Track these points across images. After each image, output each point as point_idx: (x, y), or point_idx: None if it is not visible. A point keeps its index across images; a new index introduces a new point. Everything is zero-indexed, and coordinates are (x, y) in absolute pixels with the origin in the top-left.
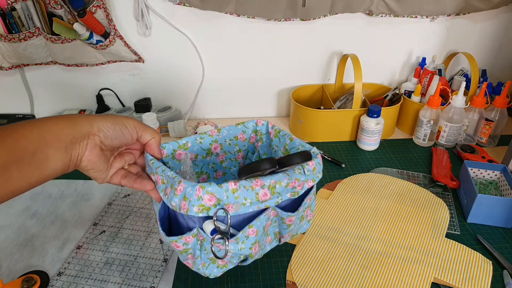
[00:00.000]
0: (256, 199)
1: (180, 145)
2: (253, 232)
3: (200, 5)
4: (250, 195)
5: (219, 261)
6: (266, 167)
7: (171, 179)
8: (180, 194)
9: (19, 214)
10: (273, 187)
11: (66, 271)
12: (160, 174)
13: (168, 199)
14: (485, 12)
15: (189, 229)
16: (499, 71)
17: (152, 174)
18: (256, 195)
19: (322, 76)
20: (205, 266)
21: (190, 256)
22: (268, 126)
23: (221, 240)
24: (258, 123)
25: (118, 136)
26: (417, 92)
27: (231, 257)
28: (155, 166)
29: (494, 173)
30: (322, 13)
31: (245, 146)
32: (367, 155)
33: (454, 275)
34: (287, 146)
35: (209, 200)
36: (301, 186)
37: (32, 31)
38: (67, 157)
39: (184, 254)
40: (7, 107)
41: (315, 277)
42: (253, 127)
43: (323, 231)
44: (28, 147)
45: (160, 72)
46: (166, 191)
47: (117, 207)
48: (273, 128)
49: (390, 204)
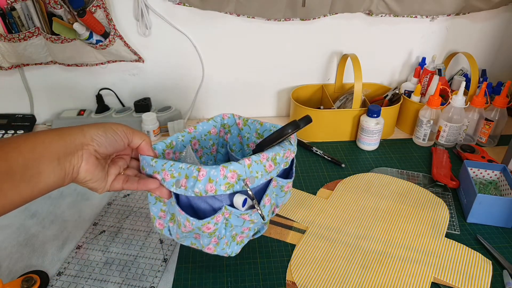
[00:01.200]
0: (265, 171)
1: (167, 144)
2: (268, 201)
3: (200, 5)
4: (260, 168)
5: (237, 238)
6: (289, 131)
7: (186, 170)
8: (204, 179)
9: (19, 214)
10: (274, 158)
11: (66, 271)
12: (169, 169)
13: (188, 188)
14: (485, 12)
15: (214, 210)
16: (499, 71)
17: (157, 173)
18: (264, 168)
19: (322, 76)
20: (228, 245)
21: (214, 239)
22: (235, 118)
23: (249, 211)
24: (224, 117)
25: (111, 143)
26: (417, 92)
27: (248, 231)
28: (161, 164)
29: (494, 173)
30: (322, 13)
31: (217, 140)
32: (367, 155)
33: (454, 275)
34: (259, 130)
35: (231, 177)
36: (290, 156)
37: (32, 31)
38: (61, 169)
39: (209, 239)
40: (7, 107)
41: (315, 277)
42: (221, 121)
43: (323, 231)
44: (19, 159)
45: (160, 72)
46: (180, 182)
47: (116, 207)
48: (240, 119)
49: (390, 204)
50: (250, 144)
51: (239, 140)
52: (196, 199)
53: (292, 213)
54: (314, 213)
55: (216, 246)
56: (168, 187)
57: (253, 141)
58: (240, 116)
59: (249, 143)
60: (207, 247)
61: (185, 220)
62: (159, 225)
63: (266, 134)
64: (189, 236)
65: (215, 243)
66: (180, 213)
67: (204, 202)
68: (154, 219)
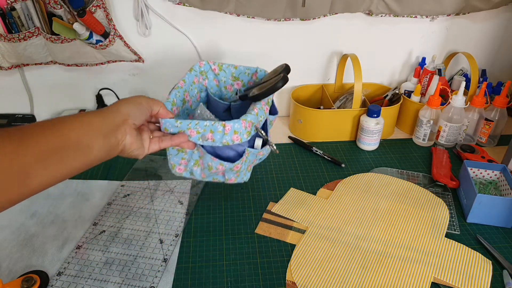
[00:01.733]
0: (264, 114)
1: (172, 102)
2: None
3: (200, 5)
4: (262, 113)
5: (249, 168)
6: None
7: (211, 126)
8: (230, 132)
9: (19, 214)
10: (268, 103)
11: (66, 271)
12: (194, 127)
13: (216, 140)
14: (485, 12)
15: (238, 153)
16: (499, 71)
17: (182, 132)
18: (264, 112)
19: (322, 76)
20: (244, 174)
21: (237, 173)
22: (209, 64)
23: (263, 148)
24: (201, 65)
25: (142, 114)
26: (417, 92)
27: (256, 161)
28: (186, 124)
29: (494, 173)
30: (322, 13)
31: (198, 87)
32: (367, 155)
33: (454, 275)
34: (234, 74)
35: (249, 126)
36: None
37: (32, 31)
38: (107, 144)
39: (234, 174)
40: (7, 107)
41: (315, 277)
42: (199, 69)
43: (323, 231)
44: (71, 135)
45: (160, 72)
46: (206, 136)
47: (116, 207)
48: (215, 65)
49: (390, 204)
50: (227, 86)
51: (216, 83)
52: (221, 147)
53: (292, 213)
54: (314, 213)
55: (237, 177)
56: (194, 141)
57: (230, 84)
58: (215, 62)
59: (226, 86)
60: (230, 180)
61: (218, 164)
62: (178, 170)
63: (241, 76)
64: (214, 174)
65: (237, 175)
66: (213, 160)
67: (229, 149)
68: (174, 166)
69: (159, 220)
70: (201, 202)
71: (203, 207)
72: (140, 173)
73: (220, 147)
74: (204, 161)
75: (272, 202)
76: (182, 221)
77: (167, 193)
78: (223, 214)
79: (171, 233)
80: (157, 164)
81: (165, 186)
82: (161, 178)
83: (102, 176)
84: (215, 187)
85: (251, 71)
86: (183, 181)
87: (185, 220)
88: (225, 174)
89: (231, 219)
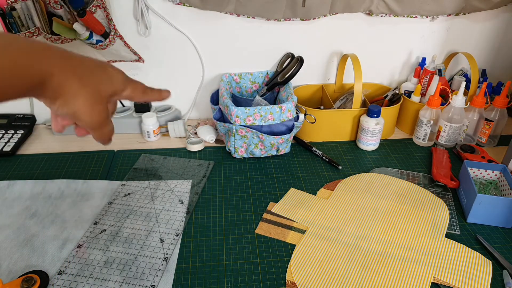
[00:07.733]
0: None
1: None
2: None
3: (200, 5)
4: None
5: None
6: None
7: (271, 109)
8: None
9: (19, 214)
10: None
11: (66, 270)
12: (259, 112)
13: (275, 119)
14: (485, 12)
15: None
16: (499, 71)
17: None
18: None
19: (322, 76)
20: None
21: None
22: (231, 76)
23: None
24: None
25: None
26: (417, 92)
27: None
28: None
29: (494, 173)
30: (322, 13)
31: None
32: (367, 155)
33: (454, 275)
34: (251, 79)
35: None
36: None
37: (32, 31)
38: None
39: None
40: (7, 107)
41: (315, 277)
42: (226, 80)
43: (323, 231)
44: None
45: (160, 72)
46: (267, 117)
47: (117, 206)
48: (236, 75)
49: (390, 204)
50: (247, 90)
51: (237, 90)
52: (277, 124)
53: (292, 213)
54: (314, 213)
55: (286, 148)
56: (258, 123)
57: (249, 88)
58: (236, 73)
59: (247, 89)
60: (282, 151)
61: (279, 139)
62: (240, 152)
63: (257, 80)
64: (270, 150)
65: (286, 147)
66: (275, 138)
67: (282, 125)
68: (237, 149)
69: (159, 219)
70: (201, 201)
71: (204, 207)
72: (140, 173)
73: (276, 125)
74: (265, 143)
75: (272, 202)
76: (183, 220)
77: (167, 193)
78: (223, 214)
79: (171, 232)
80: (157, 164)
81: (166, 186)
82: (162, 178)
83: (102, 176)
84: (215, 187)
85: (263, 74)
86: (183, 181)
87: (186, 219)
88: (278, 147)
89: (232, 219)
